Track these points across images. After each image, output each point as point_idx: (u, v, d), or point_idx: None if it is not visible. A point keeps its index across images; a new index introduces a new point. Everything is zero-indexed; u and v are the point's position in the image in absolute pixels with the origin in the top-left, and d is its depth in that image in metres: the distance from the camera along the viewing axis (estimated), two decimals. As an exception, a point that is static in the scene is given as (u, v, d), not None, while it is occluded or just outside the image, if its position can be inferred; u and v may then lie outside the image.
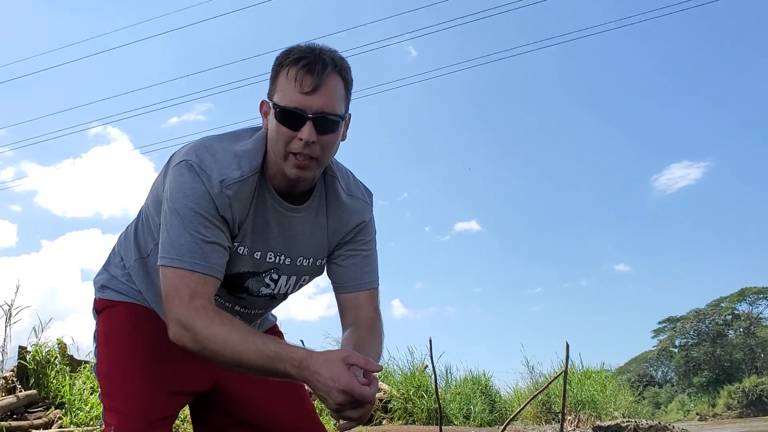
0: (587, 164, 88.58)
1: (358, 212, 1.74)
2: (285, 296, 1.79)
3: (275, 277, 1.70)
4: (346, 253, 1.74)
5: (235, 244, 1.60)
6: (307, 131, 1.48)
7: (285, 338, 1.97)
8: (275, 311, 2.02)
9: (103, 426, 1.59)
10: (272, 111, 1.53)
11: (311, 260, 1.73)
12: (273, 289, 1.72)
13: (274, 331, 1.99)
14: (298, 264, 1.71)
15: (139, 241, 1.76)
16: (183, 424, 4.80)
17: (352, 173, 1.79)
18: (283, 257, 1.68)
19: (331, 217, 1.71)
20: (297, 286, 1.77)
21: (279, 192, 1.62)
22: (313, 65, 1.49)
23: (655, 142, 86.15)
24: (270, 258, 1.66)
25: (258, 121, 1.65)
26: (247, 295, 1.70)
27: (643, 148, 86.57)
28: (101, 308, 1.80)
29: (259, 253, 1.64)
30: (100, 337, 1.77)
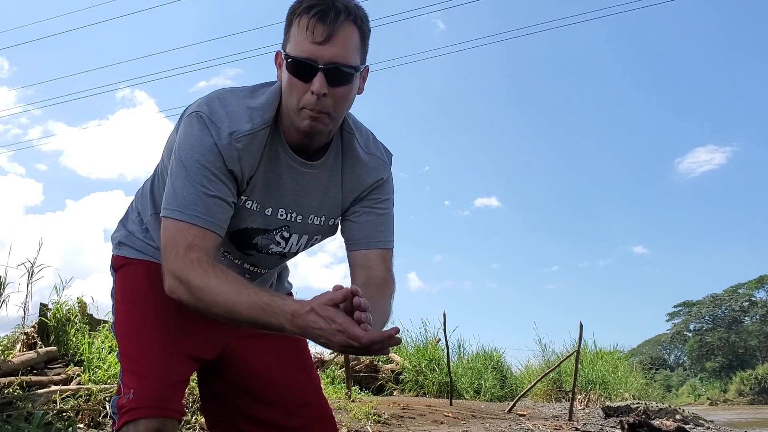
0: (611, 145, 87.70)
1: (375, 170, 1.67)
2: (295, 254, 1.75)
3: (286, 235, 1.66)
4: (360, 209, 1.68)
5: (243, 198, 1.56)
6: (318, 83, 1.42)
7: None
8: (291, 279, 2.01)
9: (122, 387, 1.56)
10: (285, 60, 1.47)
11: (323, 219, 1.68)
12: (284, 248, 1.68)
13: None
14: (309, 222, 1.66)
15: (155, 196, 1.73)
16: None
17: (372, 132, 1.73)
18: (294, 214, 1.63)
19: (346, 174, 1.65)
20: (308, 245, 1.73)
21: (293, 147, 1.56)
22: (326, 13, 1.41)
23: (681, 125, 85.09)
24: (281, 215, 1.62)
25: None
26: (256, 252, 1.67)
27: (668, 131, 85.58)
28: (118, 265, 1.76)
29: (270, 210, 1.60)
30: (117, 295, 1.74)
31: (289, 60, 1.45)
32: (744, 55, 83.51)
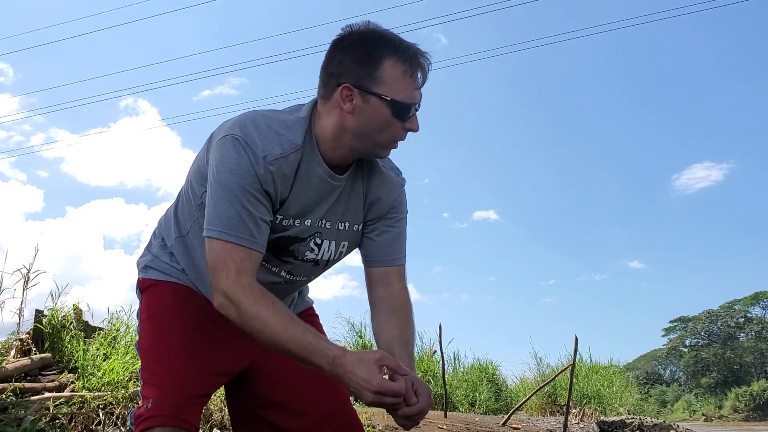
0: (609, 160, 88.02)
1: (392, 186, 1.78)
2: (327, 263, 1.81)
3: (319, 241, 1.72)
4: (380, 227, 1.77)
5: (279, 216, 1.63)
6: (417, 122, 1.60)
7: (318, 319, 2.01)
8: (311, 294, 2.06)
9: (141, 400, 1.62)
10: (374, 100, 1.55)
11: (347, 224, 1.74)
12: (317, 254, 1.74)
13: (310, 313, 2.00)
14: (339, 228, 1.73)
15: (179, 220, 1.79)
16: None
17: None
18: (324, 221, 1.70)
19: (366, 183, 1.74)
20: (338, 253, 1.79)
21: (330, 165, 1.65)
22: (423, 63, 1.58)
23: (678, 141, 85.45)
24: (314, 223, 1.69)
25: (293, 98, 1.69)
26: (292, 259, 1.72)
27: (665, 147, 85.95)
28: (144, 287, 1.82)
29: (303, 219, 1.67)
30: (142, 314, 1.79)
31: (393, 104, 1.55)
32: (742, 71, 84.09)
